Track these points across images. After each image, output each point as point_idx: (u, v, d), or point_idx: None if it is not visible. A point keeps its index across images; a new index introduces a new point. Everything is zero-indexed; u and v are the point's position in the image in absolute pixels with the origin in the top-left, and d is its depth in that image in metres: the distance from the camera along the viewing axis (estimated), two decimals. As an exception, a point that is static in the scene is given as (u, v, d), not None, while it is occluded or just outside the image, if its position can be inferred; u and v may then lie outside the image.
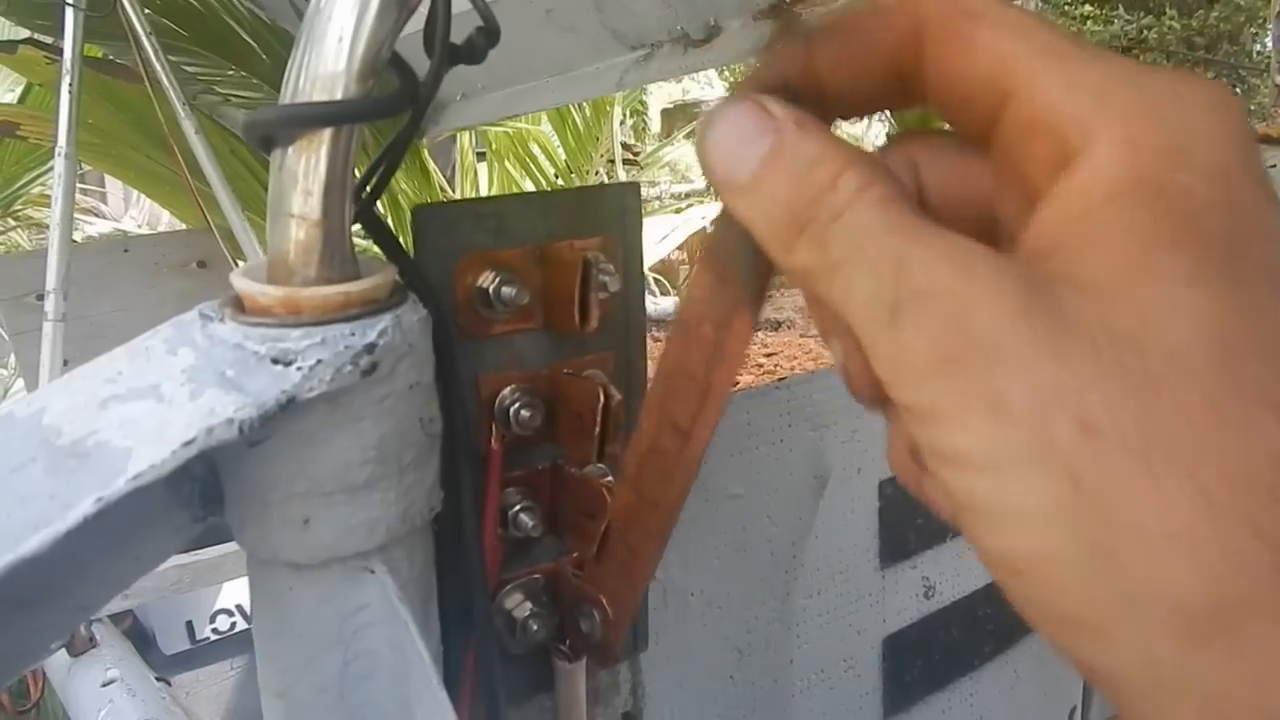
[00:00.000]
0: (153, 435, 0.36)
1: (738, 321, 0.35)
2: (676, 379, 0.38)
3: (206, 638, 1.89)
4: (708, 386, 0.37)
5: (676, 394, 0.38)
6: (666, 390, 0.39)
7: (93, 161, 2.65)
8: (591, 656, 0.56)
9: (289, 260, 0.41)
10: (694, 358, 0.36)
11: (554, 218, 0.52)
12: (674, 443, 0.40)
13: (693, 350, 0.36)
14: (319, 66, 0.40)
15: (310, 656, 0.45)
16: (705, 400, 0.38)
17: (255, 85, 2.49)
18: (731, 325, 0.35)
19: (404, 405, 0.43)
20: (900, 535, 0.80)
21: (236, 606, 1.94)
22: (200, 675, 1.90)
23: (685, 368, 0.37)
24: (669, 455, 0.41)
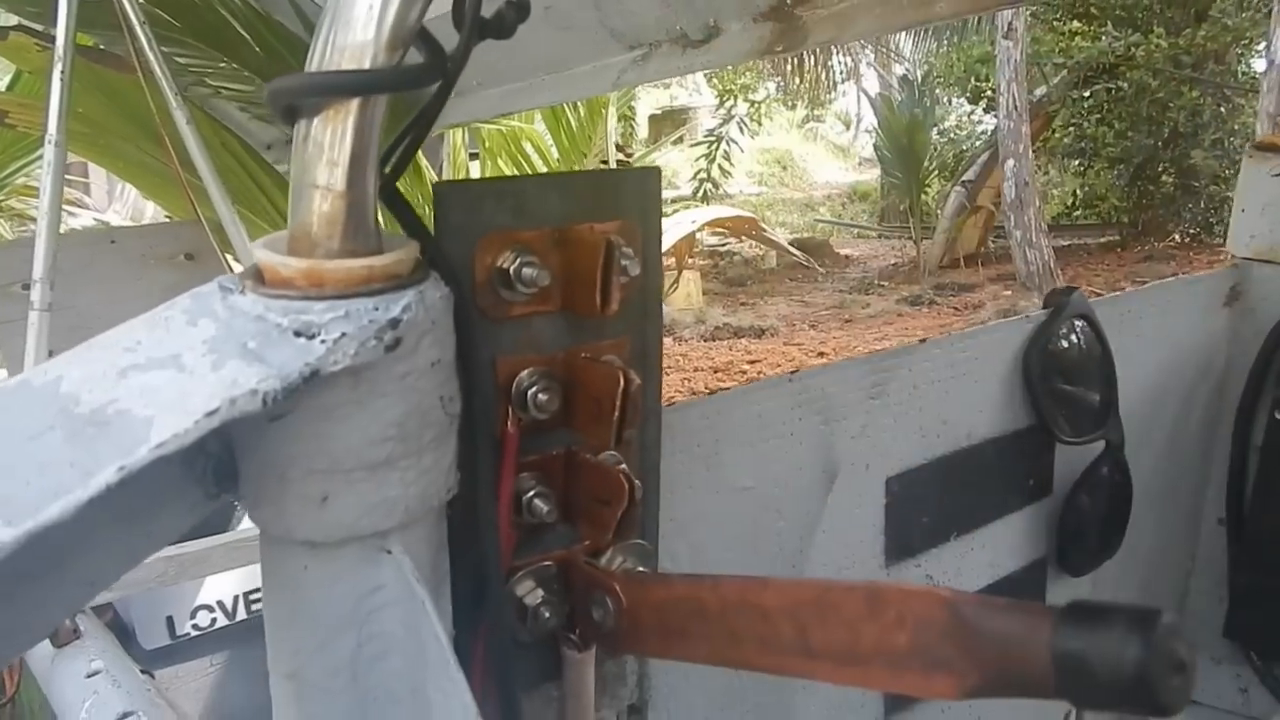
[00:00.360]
0: (174, 405, 0.36)
1: (941, 682, 0.37)
2: (833, 616, 0.41)
3: (187, 633, 1.87)
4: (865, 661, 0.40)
5: (824, 622, 0.41)
6: (816, 605, 0.41)
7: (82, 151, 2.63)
8: (602, 645, 0.55)
9: (312, 232, 0.41)
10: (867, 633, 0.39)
11: (574, 200, 0.51)
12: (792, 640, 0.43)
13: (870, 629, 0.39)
14: (347, 36, 0.40)
15: (323, 638, 0.44)
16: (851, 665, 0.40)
17: (248, 78, 2.47)
18: (933, 678, 0.37)
19: (426, 382, 0.42)
20: (905, 533, 0.80)
21: (218, 602, 1.91)
22: (180, 671, 1.88)
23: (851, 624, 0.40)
24: (780, 639, 0.43)
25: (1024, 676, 0.34)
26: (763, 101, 12.53)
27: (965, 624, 0.36)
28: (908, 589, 0.38)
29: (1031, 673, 0.34)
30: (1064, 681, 0.33)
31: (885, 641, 0.38)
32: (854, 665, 0.40)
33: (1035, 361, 0.85)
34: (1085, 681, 0.33)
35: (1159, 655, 0.32)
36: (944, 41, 10.65)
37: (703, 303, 7.88)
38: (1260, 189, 1.03)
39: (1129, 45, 7.84)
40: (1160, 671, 0.32)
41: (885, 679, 0.39)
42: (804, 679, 0.44)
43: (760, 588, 0.44)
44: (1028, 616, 0.34)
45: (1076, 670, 0.33)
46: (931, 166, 10.39)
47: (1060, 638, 0.33)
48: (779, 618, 0.43)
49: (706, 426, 0.66)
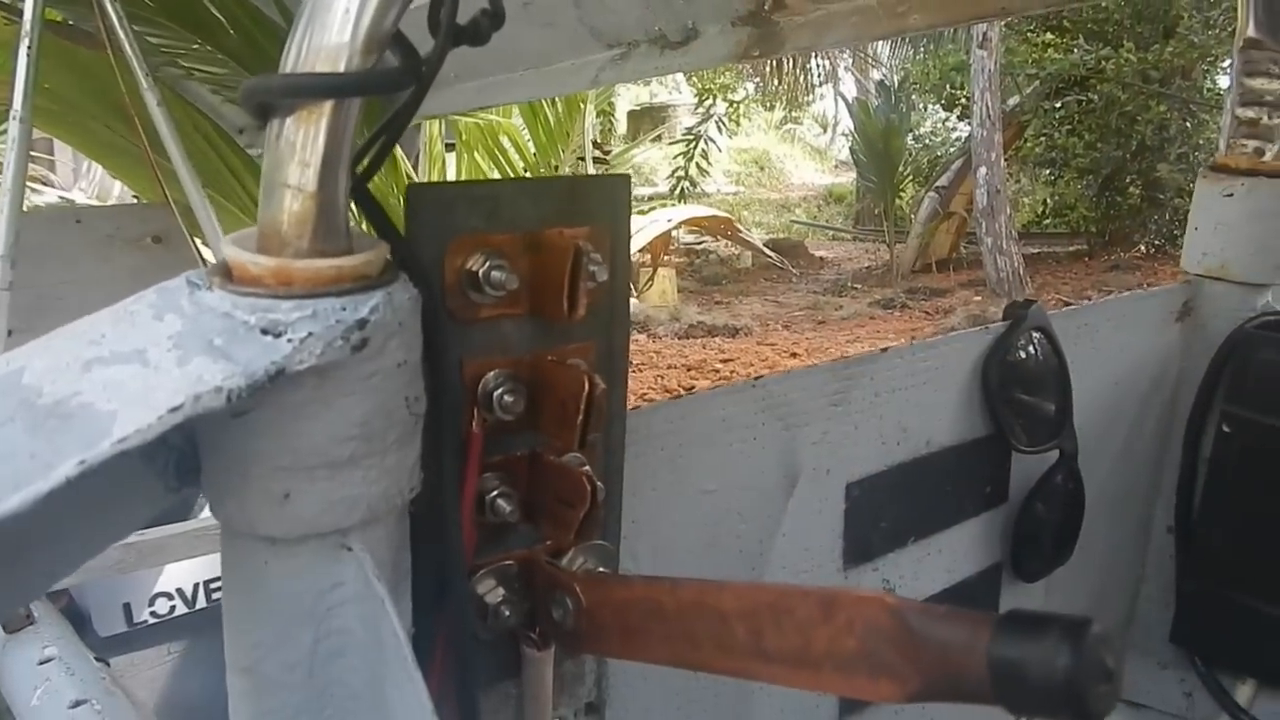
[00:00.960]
0: (138, 399, 0.36)
1: (887, 686, 0.38)
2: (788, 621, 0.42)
3: (145, 621, 1.85)
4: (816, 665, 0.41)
5: (779, 626, 0.42)
6: (772, 610, 0.42)
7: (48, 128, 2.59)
8: (562, 645, 0.56)
9: (282, 231, 0.41)
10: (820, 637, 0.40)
11: (546, 205, 0.52)
12: (748, 643, 0.44)
13: (823, 632, 0.40)
14: (323, 37, 0.40)
15: (281, 632, 0.44)
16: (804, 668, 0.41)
17: (221, 61, 2.45)
18: (879, 681, 0.39)
19: (391, 383, 0.43)
20: (864, 537, 0.81)
21: (177, 590, 1.90)
22: (135, 659, 1.86)
23: (805, 629, 0.41)
24: (735, 642, 0.44)
25: (963, 682, 0.35)
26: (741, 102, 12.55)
27: (909, 630, 0.37)
28: (858, 594, 0.39)
29: (970, 678, 0.35)
30: (1000, 688, 0.34)
31: (836, 645, 0.39)
32: (806, 668, 0.41)
33: (994, 372, 0.87)
34: (1019, 687, 0.34)
35: (1088, 663, 0.33)
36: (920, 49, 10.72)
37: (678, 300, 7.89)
38: (1213, 208, 1.05)
39: (1099, 59, 7.94)
40: (1088, 679, 0.33)
41: (836, 682, 0.40)
42: (759, 682, 0.44)
43: (717, 591, 0.45)
44: (968, 624, 0.36)
45: (1011, 677, 0.34)
46: (906, 171, 10.47)
47: (997, 645, 0.34)
48: (735, 621, 0.44)
49: (670, 430, 0.67)
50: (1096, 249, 8.99)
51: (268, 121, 0.41)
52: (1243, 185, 1.03)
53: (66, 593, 1.68)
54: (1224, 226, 1.05)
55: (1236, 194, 1.04)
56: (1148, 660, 1.17)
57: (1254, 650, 1.06)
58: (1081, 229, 9.10)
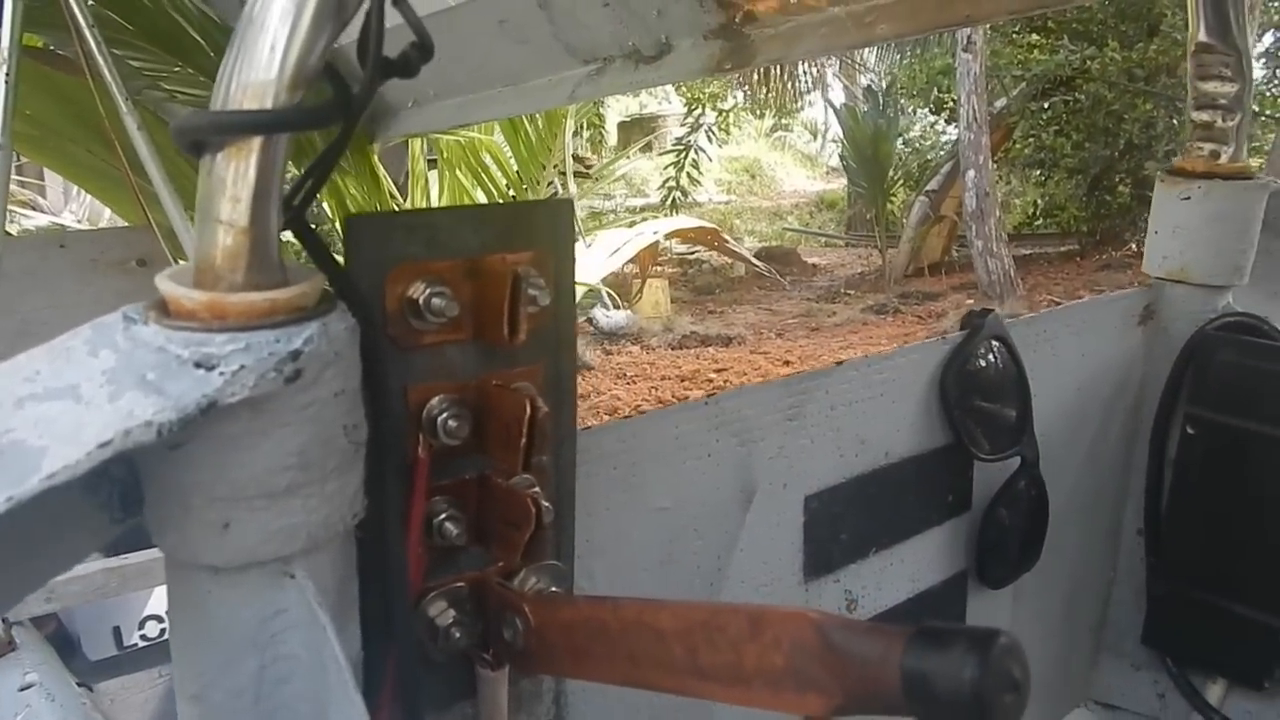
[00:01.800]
0: (68, 436, 0.37)
1: (814, 701, 0.39)
2: (721, 638, 0.43)
3: (135, 644, 1.85)
4: (747, 681, 0.42)
5: (712, 644, 0.43)
6: (705, 629, 0.43)
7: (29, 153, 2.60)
8: (514, 665, 0.57)
9: (215, 265, 0.42)
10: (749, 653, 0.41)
11: (487, 231, 0.52)
12: (684, 662, 0.45)
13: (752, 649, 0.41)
14: (250, 74, 0.41)
15: (227, 660, 0.45)
16: (737, 684, 0.43)
17: (202, 83, 2.46)
18: (806, 696, 0.39)
19: (328, 412, 0.43)
20: (824, 549, 0.82)
21: (165, 613, 1.90)
22: (126, 683, 1.86)
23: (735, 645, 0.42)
24: (673, 660, 0.45)
25: (880, 695, 0.36)
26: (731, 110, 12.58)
27: (831, 645, 0.37)
28: (784, 612, 0.40)
29: (886, 691, 0.36)
30: (912, 700, 0.35)
31: (764, 662, 0.40)
32: (739, 685, 0.42)
33: (952, 381, 0.88)
34: (929, 699, 0.35)
35: (993, 674, 0.34)
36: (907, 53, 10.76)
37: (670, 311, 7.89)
38: (1171, 212, 1.06)
39: (1085, 58, 7.97)
40: (993, 689, 0.34)
41: (766, 697, 0.40)
42: (698, 698, 0.45)
43: (655, 610, 0.46)
44: (884, 638, 0.36)
45: (922, 688, 0.35)
46: (896, 176, 10.49)
47: (909, 658, 0.35)
48: (672, 639, 0.44)
49: (624, 449, 0.67)
50: (1088, 248, 9.01)
51: (200, 157, 0.42)
52: (1200, 188, 1.04)
53: (54, 617, 1.68)
54: (1183, 230, 1.06)
55: (1194, 197, 1.05)
56: (1120, 662, 1.18)
57: (1225, 650, 1.07)
58: (1072, 229, 9.12)
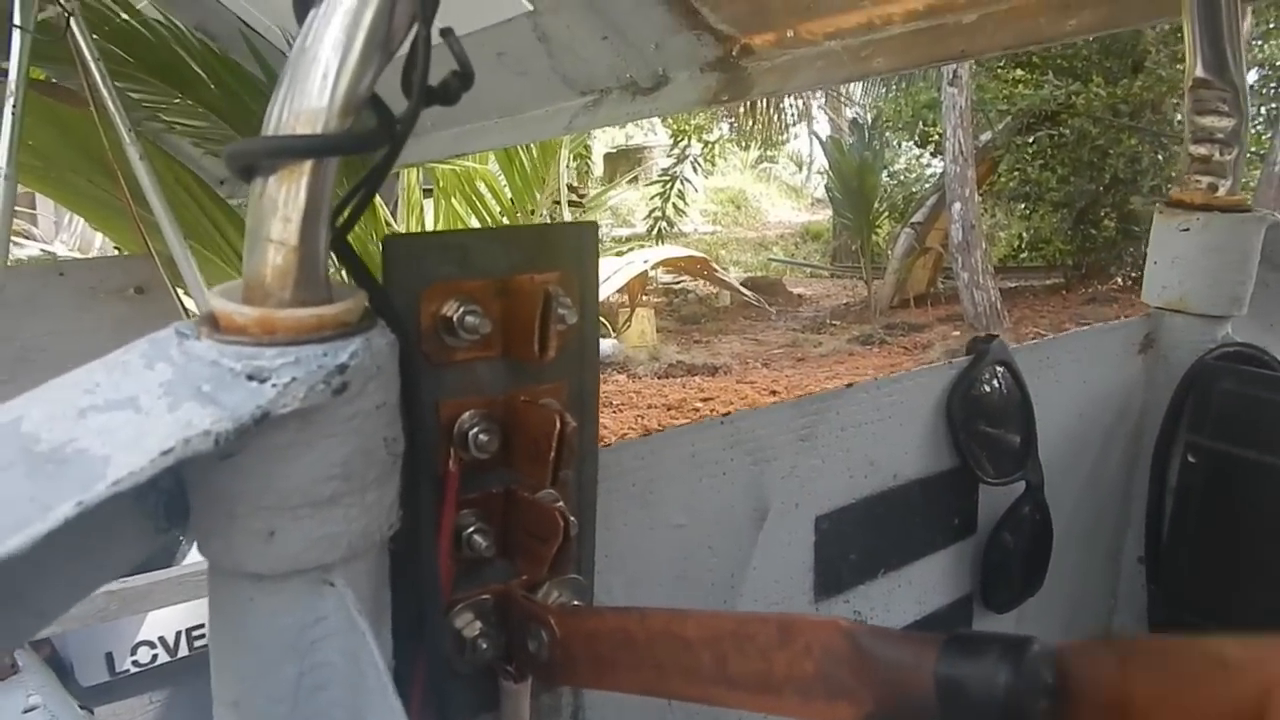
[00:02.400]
0: (131, 444, 0.38)
1: (843, 709, 0.39)
2: (750, 646, 0.43)
3: (127, 670, 1.84)
4: (777, 690, 0.42)
5: (742, 652, 0.43)
6: (734, 638, 0.44)
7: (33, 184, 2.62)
8: (537, 676, 0.58)
9: (265, 283, 0.43)
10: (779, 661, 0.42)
11: (516, 252, 0.54)
12: (711, 670, 0.45)
13: (781, 657, 0.42)
14: (303, 102, 0.43)
15: (266, 666, 0.46)
16: (765, 692, 0.43)
17: (201, 114, 2.49)
18: (836, 704, 0.39)
19: (371, 424, 0.45)
20: (834, 569, 0.83)
21: (159, 638, 1.89)
22: (118, 709, 1.85)
23: (765, 653, 0.42)
24: (700, 668, 0.46)
25: (912, 701, 0.37)
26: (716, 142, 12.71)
27: (862, 652, 0.39)
28: (814, 620, 0.41)
29: (918, 697, 0.37)
30: (945, 706, 0.36)
31: (795, 669, 0.41)
32: (769, 693, 0.42)
33: (958, 405, 0.90)
34: (964, 705, 0.36)
35: (1027, 680, 0.35)
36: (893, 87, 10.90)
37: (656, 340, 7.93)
38: (1170, 243, 1.09)
39: (1069, 94, 8.09)
40: (1028, 696, 0.34)
41: (796, 705, 0.41)
42: (725, 708, 0.46)
43: (683, 620, 0.47)
44: (916, 645, 0.38)
45: (956, 695, 0.36)
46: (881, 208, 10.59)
47: (942, 665, 0.36)
48: (700, 648, 0.46)
49: (641, 466, 0.69)
50: (1073, 282, 9.10)
51: (251, 180, 0.44)
52: (1198, 220, 1.07)
53: (49, 642, 1.68)
54: (1181, 260, 1.08)
55: (1193, 228, 1.08)
56: None
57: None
58: (1057, 262, 9.21)
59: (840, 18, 1.42)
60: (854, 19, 1.41)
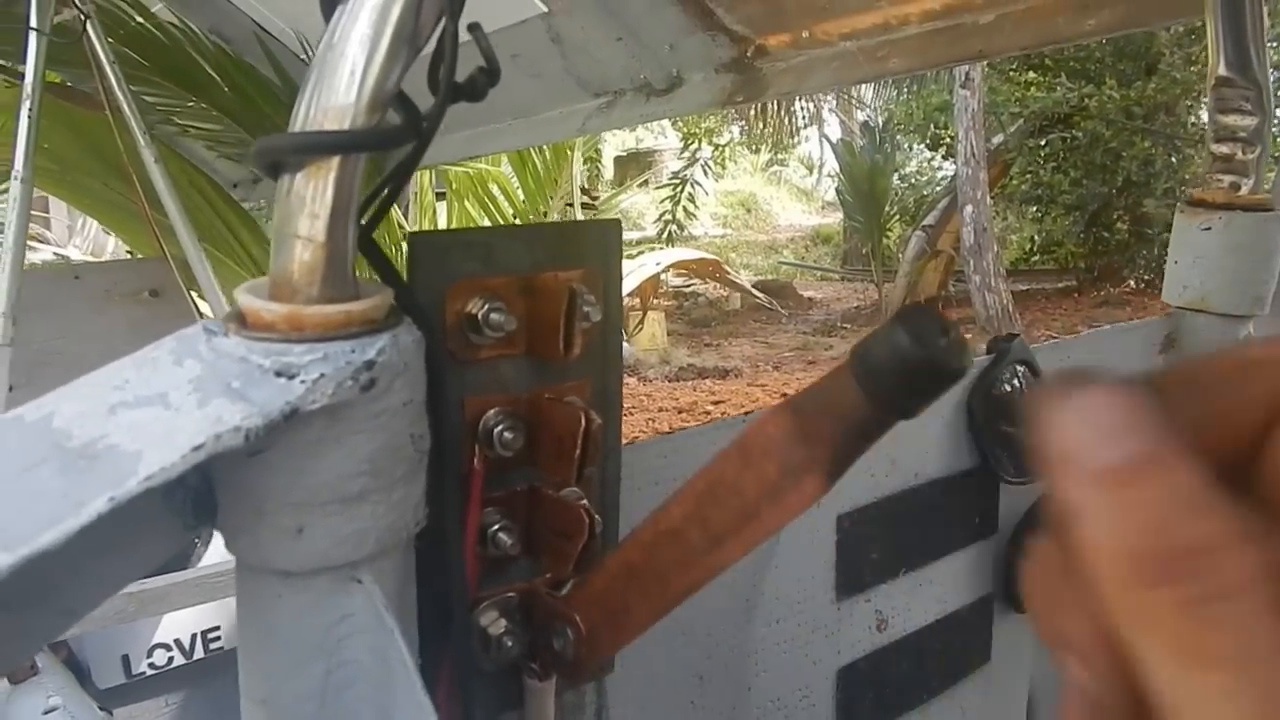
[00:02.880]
0: (162, 440, 0.38)
1: (808, 482, 0.37)
2: (722, 490, 0.41)
3: (143, 672, 1.85)
4: (755, 513, 0.40)
5: (718, 501, 0.42)
6: (709, 491, 0.42)
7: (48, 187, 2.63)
8: (562, 675, 0.58)
9: (293, 279, 0.43)
10: (748, 482, 0.39)
11: (540, 250, 0.54)
12: (701, 541, 0.43)
13: (749, 476, 0.39)
14: (331, 98, 0.43)
15: (294, 664, 0.46)
16: (749, 523, 0.41)
17: (215, 117, 2.49)
18: (801, 481, 0.37)
19: (397, 421, 0.45)
20: (856, 568, 0.83)
21: (175, 641, 1.90)
22: (134, 711, 1.86)
23: (735, 485, 0.40)
24: (692, 547, 0.44)
25: (847, 415, 0.36)
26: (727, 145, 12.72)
27: (802, 415, 0.38)
28: (759, 420, 0.40)
29: (847, 405, 0.36)
30: (873, 399, 0.36)
31: (762, 479, 0.39)
32: (750, 524, 0.41)
33: (979, 405, 0.89)
34: (885, 385, 0.35)
35: (920, 329, 0.35)
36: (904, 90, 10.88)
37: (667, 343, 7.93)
38: (1191, 243, 1.08)
39: (1082, 96, 8.07)
40: (926, 339, 0.34)
41: (773, 516, 0.40)
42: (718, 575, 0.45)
43: (665, 511, 0.46)
44: (834, 374, 0.37)
45: (874, 382, 0.36)
46: (893, 211, 10.58)
47: (857, 367, 0.36)
48: (688, 527, 0.44)
49: (665, 464, 0.69)
50: (1085, 285, 9.08)
51: (278, 178, 0.44)
52: (1220, 219, 1.06)
53: (65, 645, 1.69)
54: (1203, 260, 1.07)
55: (1215, 228, 1.07)
56: None
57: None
58: (1070, 265, 9.18)
59: (856, 18, 1.42)
60: (870, 19, 1.40)
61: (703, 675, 0.73)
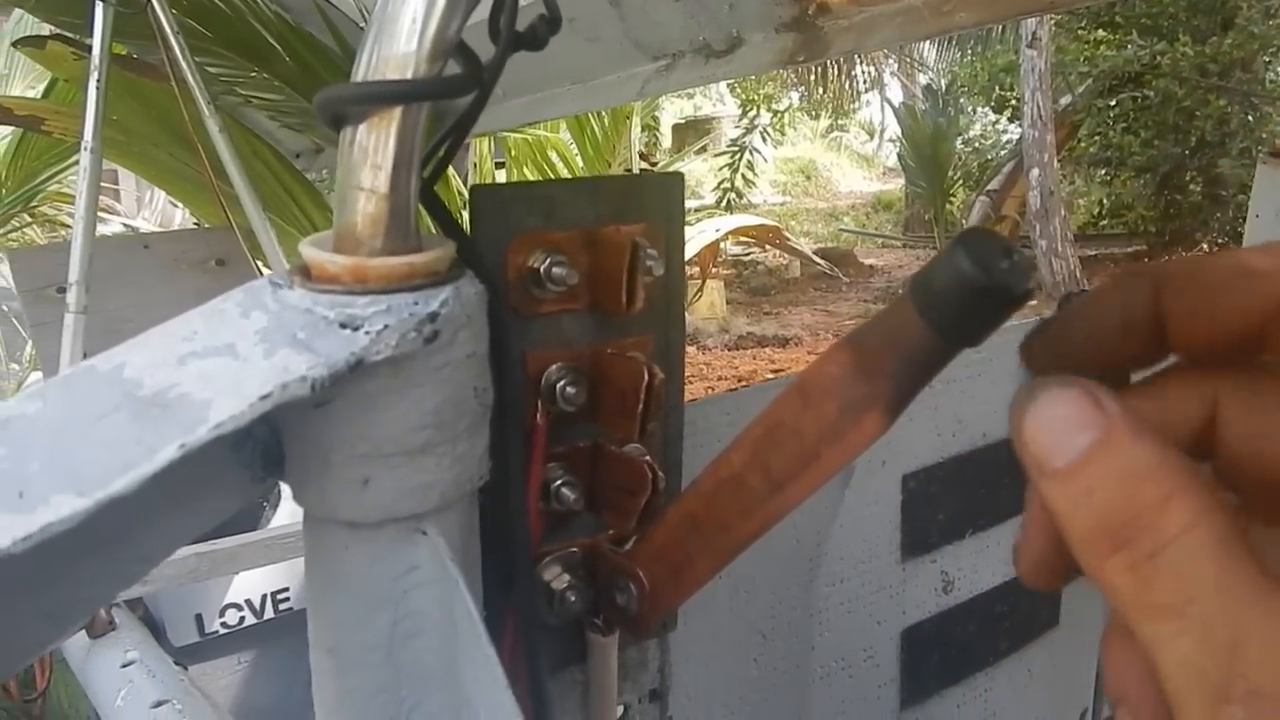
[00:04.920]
0: (231, 389, 0.38)
1: (869, 420, 0.36)
2: (782, 432, 0.40)
3: (216, 631, 1.91)
4: (815, 455, 0.39)
5: (778, 445, 0.40)
6: (768, 436, 0.41)
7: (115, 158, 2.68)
8: (625, 630, 0.58)
9: (357, 231, 0.43)
10: (808, 423, 0.38)
11: (602, 203, 0.54)
12: (762, 486, 0.42)
13: (808, 417, 0.38)
14: (392, 47, 0.42)
15: (361, 614, 0.47)
16: (809, 465, 0.39)
17: (278, 88, 2.52)
18: (861, 420, 0.36)
19: (461, 374, 0.45)
20: (921, 529, 0.82)
21: (246, 601, 1.96)
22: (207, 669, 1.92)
23: (795, 427, 0.39)
24: (753, 494, 0.43)
25: (911, 350, 0.34)
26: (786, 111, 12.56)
27: (862, 350, 0.36)
28: (819, 361, 0.38)
29: (911, 340, 0.34)
30: (935, 328, 0.34)
31: (821, 420, 0.38)
32: (811, 467, 0.39)
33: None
34: (947, 313, 0.33)
35: (981, 251, 0.33)
36: (968, 51, 10.64)
37: (726, 312, 7.90)
38: (1275, 195, 1.04)
39: (1154, 54, 7.80)
40: (988, 262, 0.32)
41: (835, 456, 0.38)
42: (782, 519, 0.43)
43: (725, 458, 0.44)
44: (894, 306, 0.35)
45: (936, 310, 0.34)
46: (956, 176, 10.39)
47: (917, 295, 0.34)
48: (748, 473, 0.43)
49: (727, 422, 0.68)
50: (1156, 249, 8.83)
51: (340, 130, 0.44)
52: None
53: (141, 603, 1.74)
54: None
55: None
56: None
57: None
58: (1140, 229, 8.94)
59: (921, -29, 1.38)
60: (936, -29, 1.36)
61: (765, 634, 0.72)
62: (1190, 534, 0.21)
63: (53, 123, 2.73)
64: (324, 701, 0.49)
